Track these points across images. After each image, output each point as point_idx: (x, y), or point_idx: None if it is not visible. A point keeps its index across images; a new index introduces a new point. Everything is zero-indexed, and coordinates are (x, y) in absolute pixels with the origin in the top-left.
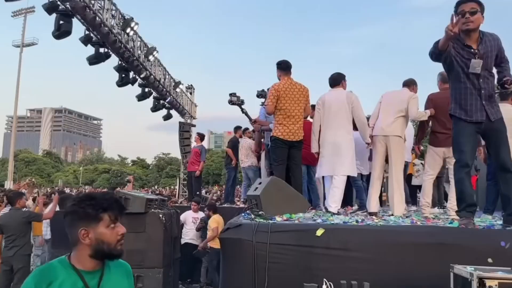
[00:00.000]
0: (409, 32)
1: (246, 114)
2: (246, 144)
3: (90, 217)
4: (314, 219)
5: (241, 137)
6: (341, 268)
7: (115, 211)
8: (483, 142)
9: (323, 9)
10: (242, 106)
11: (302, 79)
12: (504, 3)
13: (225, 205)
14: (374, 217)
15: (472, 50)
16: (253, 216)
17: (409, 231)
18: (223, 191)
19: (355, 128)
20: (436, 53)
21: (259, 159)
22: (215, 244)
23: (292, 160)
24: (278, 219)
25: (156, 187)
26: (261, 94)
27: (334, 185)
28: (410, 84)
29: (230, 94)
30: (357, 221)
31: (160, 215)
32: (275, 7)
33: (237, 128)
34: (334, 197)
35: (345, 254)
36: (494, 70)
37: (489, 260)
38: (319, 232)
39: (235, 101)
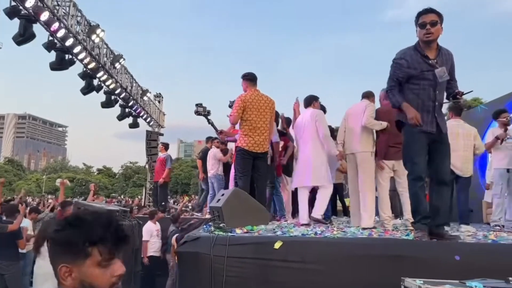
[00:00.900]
0: (382, 44)
1: (212, 124)
2: (212, 153)
3: (74, 250)
4: (274, 231)
5: (211, 147)
6: (298, 281)
7: (110, 244)
8: None
9: (295, 19)
10: (209, 117)
11: (275, 90)
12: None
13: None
14: (335, 228)
15: (431, 61)
16: (212, 228)
17: (364, 243)
18: (193, 201)
19: None
20: (392, 102)
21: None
22: None
23: (257, 171)
24: (238, 231)
25: (122, 196)
26: (197, 111)
27: (317, 197)
28: (369, 96)
29: (197, 105)
30: (315, 233)
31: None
32: (248, 17)
33: (209, 139)
34: (314, 208)
35: (302, 267)
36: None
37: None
38: (277, 244)
39: (201, 111)
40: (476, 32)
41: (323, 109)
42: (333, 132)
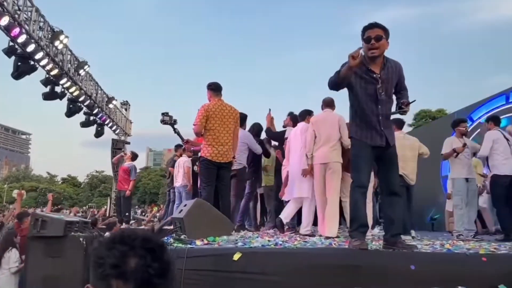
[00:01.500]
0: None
1: (179, 134)
2: (181, 162)
3: (98, 276)
4: (236, 243)
5: (181, 155)
6: None
7: (134, 282)
8: None
9: (262, 33)
10: (175, 126)
11: (239, 101)
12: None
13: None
14: (298, 238)
15: (375, 75)
16: (172, 240)
17: (322, 253)
18: (162, 211)
19: None
20: (336, 82)
21: None
22: None
23: (221, 182)
24: (198, 243)
25: (87, 206)
26: (163, 120)
27: (302, 211)
28: (332, 104)
29: (163, 114)
30: (275, 244)
31: (81, 239)
32: (218, 25)
33: (178, 147)
34: (302, 224)
35: (262, 278)
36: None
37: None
38: (236, 256)
39: (167, 120)
40: (443, 48)
41: (297, 119)
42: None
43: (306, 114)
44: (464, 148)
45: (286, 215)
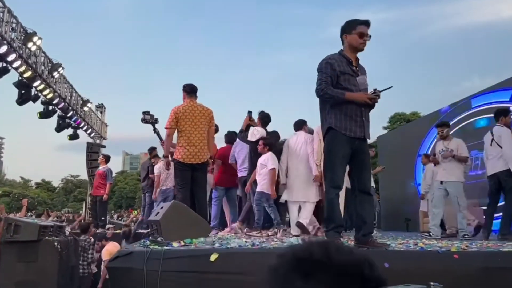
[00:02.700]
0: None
1: (158, 134)
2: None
3: None
4: (213, 244)
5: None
6: None
7: None
8: None
9: (244, 35)
10: (156, 125)
11: (220, 101)
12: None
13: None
14: (275, 238)
15: (354, 68)
16: (148, 242)
17: None
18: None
19: None
20: (333, 98)
21: None
22: None
23: (196, 183)
24: (175, 244)
25: (62, 212)
26: (144, 119)
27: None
28: (303, 125)
29: (144, 112)
30: (253, 245)
31: (55, 243)
32: (196, 27)
33: (152, 149)
34: (301, 215)
35: (239, 279)
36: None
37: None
38: (213, 257)
39: (149, 119)
40: (415, 52)
41: (267, 118)
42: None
43: (302, 124)
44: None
45: (304, 217)
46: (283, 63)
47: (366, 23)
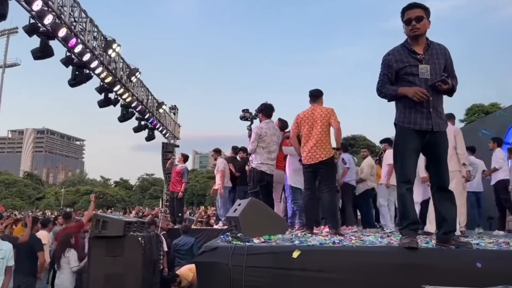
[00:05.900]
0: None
1: (250, 131)
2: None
3: None
4: (292, 241)
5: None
6: None
7: None
8: None
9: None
10: (254, 121)
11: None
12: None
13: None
14: (353, 237)
15: (419, 56)
16: (230, 238)
17: (383, 251)
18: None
19: None
20: (387, 97)
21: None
22: None
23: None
24: (256, 241)
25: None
26: (244, 116)
27: None
28: (321, 95)
29: (243, 110)
30: (333, 242)
31: (139, 238)
32: (262, 29)
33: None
34: None
35: (321, 276)
36: None
37: None
38: (295, 254)
39: (248, 116)
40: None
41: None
42: None
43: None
44: None
45: None
46: (342, 57)
47: (410, 7)
